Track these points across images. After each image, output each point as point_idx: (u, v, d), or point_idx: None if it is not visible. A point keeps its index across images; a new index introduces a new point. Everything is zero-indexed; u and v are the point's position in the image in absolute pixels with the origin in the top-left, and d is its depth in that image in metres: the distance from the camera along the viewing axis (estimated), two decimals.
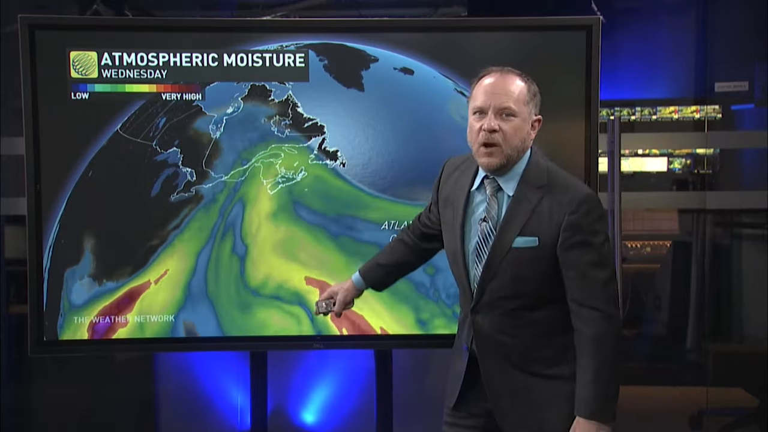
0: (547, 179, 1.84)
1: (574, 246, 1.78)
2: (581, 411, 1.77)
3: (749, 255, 3.74)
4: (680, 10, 3.73)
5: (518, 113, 1.81)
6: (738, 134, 3.64)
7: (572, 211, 1.78)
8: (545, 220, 1.80)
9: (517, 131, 1.81)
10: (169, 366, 3.31)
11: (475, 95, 1.85)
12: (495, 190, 1.86)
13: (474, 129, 1.83)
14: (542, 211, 1.80)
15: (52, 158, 2.44)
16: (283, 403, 3.24)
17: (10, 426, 3.31)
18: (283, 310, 2.50)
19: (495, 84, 1.82)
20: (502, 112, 1.80)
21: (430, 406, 3.13)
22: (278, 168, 2.48)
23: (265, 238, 2.48)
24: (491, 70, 1.86)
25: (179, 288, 2.49)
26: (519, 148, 1.83)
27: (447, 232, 1.95)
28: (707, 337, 3.65)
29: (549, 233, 1.79)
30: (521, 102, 1.82)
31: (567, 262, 1.79)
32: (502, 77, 1.83)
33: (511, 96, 1.81)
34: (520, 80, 1.84)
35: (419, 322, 2.51)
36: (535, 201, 1.81)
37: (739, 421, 3.51)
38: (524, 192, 1.83)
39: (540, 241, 1.79)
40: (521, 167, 1.86)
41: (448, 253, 1.95)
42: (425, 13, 3.52)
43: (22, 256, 2.55)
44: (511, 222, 1.82)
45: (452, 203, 1.93)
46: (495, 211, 1.84)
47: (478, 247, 1.85)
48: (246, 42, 2.45)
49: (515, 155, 1.83)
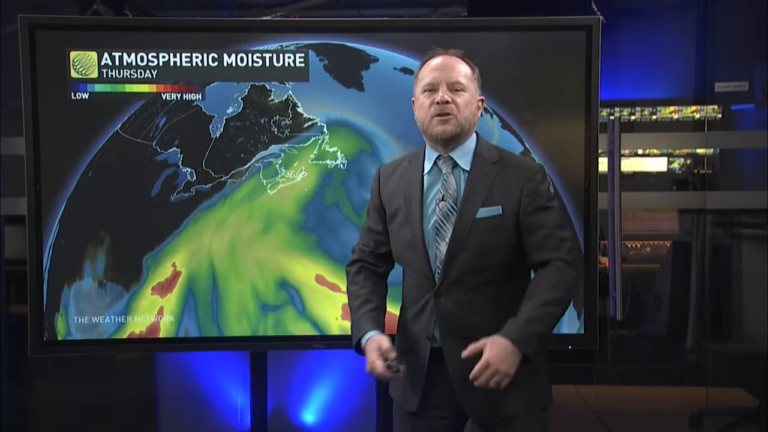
0: (499, 156, 1.91)
1: (536, 210, 1.85)
2: (508, 331, 1.74)
3: (749, 255, 3.74)
4: (680, 11, 3.73)
5: (467, 88, 1.88)
6: (738, 134, 3.64)
7: (530, 179, 1.87)
8: (505, 190, 1.86)
9: (467, 104, 1.88)
10: (169, 366, 3.30)
11: (422, 75, 1.91)
12: (451, 167, 1.89)
13: (425, 105, 1.87)
14: (501, 183, 1.87)
15: (52, 158, 2.44)
16: (283, 403, 3.23)
17: (10, 426, 3.31)
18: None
19: (443, 62, 1.90)
20: (453, 87, 1.86)
21: None
22: (278, 168, 2.48)
23: (264, 237, 2.48)
24: (436, 52, 1.93)
25: (180, 288, 2.49)
26: (470, 120, 1.89)
27: (398, 223, 1.92)
28: (707, 337, 3.65)
29: (510, 201, 1.85)
30: (469, 78, 1.89)
31: (532, 225, 1.85)
32: (448, 57, 1.91)
33: (460, 72, 1.88)
34: (464, 61, 1.92)
35: None
36: (492, 174, 1.87)
37: (739, 421, 3.50)
38: (481, 166, 1.89)
39: (503, 209, 1.85)
40: (473, 144, 1.92)
41: (401, 242, 1.92)
42: (425, 13, 3.52)
43: (22, 256, 2.56)
44: (473, 194, 1.85)
45: (402, 193, 1.92)
46: (453, 188, 1.87)
47: (438, 226, 1.86)
48: (246, 42, 2.45)
49: (467, 126, 1.88)
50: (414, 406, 1.91)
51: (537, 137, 2.45)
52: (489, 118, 2.46)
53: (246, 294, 2.50)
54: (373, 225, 2.00)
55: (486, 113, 2.46)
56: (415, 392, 1.91)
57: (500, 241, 1.85)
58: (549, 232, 1.84)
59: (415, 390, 1.91)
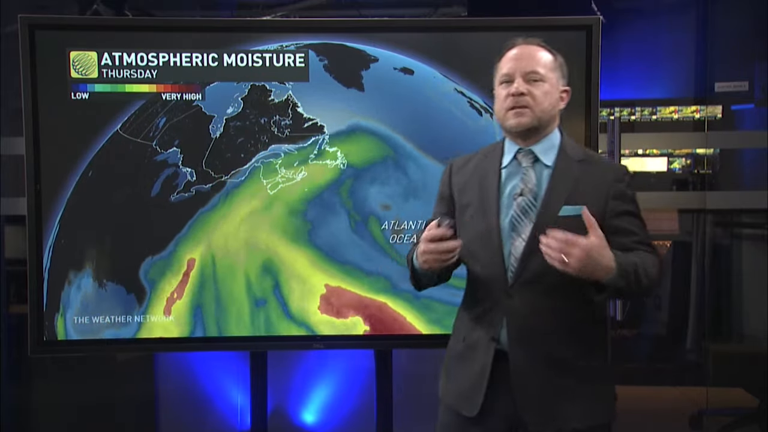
0: (584, 154, 1.84)
1: (624, 213, 1.78)
2: (619, 257, 1.66)
3: (749, 255, 3.74)
4: (680, 11, 3.73)
5: (546, 78, 1.79)
6: (738, 134, 3.64)
7: (618, 179, 1.79)
8: (590, 189, 1.77)
9: (546, 95, 1.78)
10: (169, 366, 3.30)
11: (500, 66, 1.84)
12: (532, 162, 1.81)
13: (501, 97, 1.81)
14: (586, 182, 1.78)
15: (52, 158, 2.44)
16: (283, 403, 3.23)
17: (10, 426, 3.31)
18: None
19: (521, 51, 1.82)
20: (530, 77, 1.78)
21: (430, 406, 3.13)
22: (278, 168, 2.48)
23: (264, 237, 2.49)
24: (515, 41, 1.85)
25: (181, 289, 2.49)
26: (549, 112, 1.80)
27: (470, 215, 1.84)
28: (707, 337, 3.65)
29: (596, 202, 1.75)
30: (548, 68, 1.80)
31: (621, 229, 1.76)
32: (527, 45, 1.83)
33: (538, 61, 1.79)
34: (545, 49, 1.83)
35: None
36: (577, 172, 1.79)
37: (739, 421, 3.50)
38: (566, 162, 1.80)
39: (588, 209, 1.72)
40: (557, 139, 1.84)
41: (472, 235, 1.82)
42: (425, 13, 3.52)
43: (22, 256, 2.55)
44: (556, 191, 1.77)
45: (477, 185, 1.85)
46: (532, 183, 1.79)
47: (515, 221, 1.77)
48: (246, 42, 2.45)
49: (545, 119, 1.80)
50: (474, 411, 1.80)
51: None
52: (489, 118, 2.46)
53: (242, 293, 2.50)
54: (440, 212, 1.92)
55: (486, 113, 2.46)
56: (475, 397, 1.80)
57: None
58: (640, 239, 1.77)
59: (475, 394, 1.80)
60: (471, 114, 2.46)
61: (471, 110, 2.46)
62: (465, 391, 1.84)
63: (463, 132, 2.45)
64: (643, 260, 1.73)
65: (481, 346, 1.81)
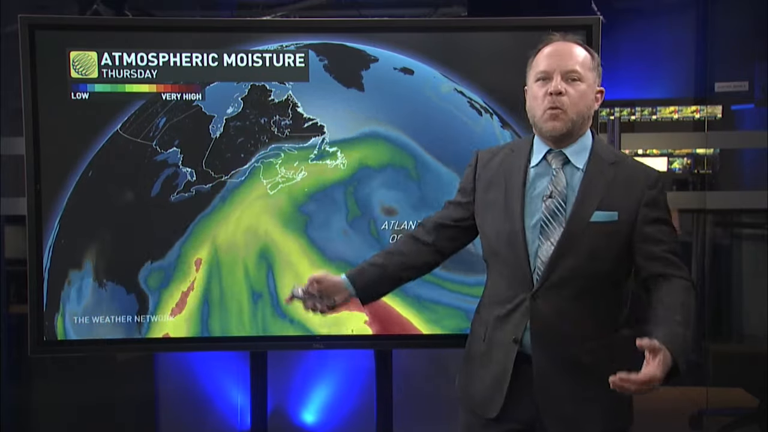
0: (616, 157, 1.81)
1: (655, 221, 1.75)
2: (675, 349, 1.59)
3: (749, 255, 3.74)
4: (680, 10, 3.73)
5: (584, 78, 1.76)
6: (738, 134, 3.64)
7: (651, 185, 1.76)
8: (622, 194, 1.74)
9: (583, 96, 1.75)
10: (169, 366, 3.31)
11: (537, 62, 1.79)
12: (562, 164, 1.79)
13: (539, 95, 1.76)
14: (618, 186, 1.75)
15: (52, 158, 2.44)
16: (283, 403, 3.24)
17: (10, 426, 3.31)
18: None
19: (559, 49, 1.78)
20: (569, 76, 1.75)
21: (430, 406, 3.14)
22: (278, 168, 2.48)
23: (264, 237, 2.49)
24: (551, 37, 1.82)
25: (182, 289, 2.49)
26: (584, 115, 1.77)
27: (493, 213, 1.82)
28: (707, 337, 3.65)
29: (627, 208, 1.74)
30: (587, 67, 1.77)
31: (652, 237, 1.74)
32: (566, 43, 1.79)
33: (577, 59, 1.76)
34: (583, 47, 1.80)
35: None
36: (610, 176, 1.75)
37: (739, 421, 3.50)
38: (598, 166, 1.77)
39: (620, 216, 1.73)
40: (589, 141, 1.81)
41: (495, 234, 1.81)
42: (425, 13, 3.52)
43: (22, 256, 2.55)
44: (588, 195, 1.74)
45: (502, 183, 1.83)
46: (562, 185, 1.76)
47: (543, 224, 1.74)
48: (246, 42, 2.45)
49: (579, 122, 1.77)
50: (494, 412, 1.80)
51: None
52: (489, 118, 2.46)
53: (242, 290, 2.50)
54: (456, 200, 1.93)
55: (486, 113, 2.46)
56: (495, 398, 1.80)
57: (612, 248, 1.74)
58: (671, 248, 1.74)
59: (495, 396, 1.80)
60: (471, 114, 2.46)
61: (471, 110, 2.46)
62: (485, 393, 1.83)
63: (463, 132, 2.45)
64: (684, 303, 1.70)
65: (502, 347, 1.80)
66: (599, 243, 1.73)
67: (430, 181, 2.44)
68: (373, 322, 2.50)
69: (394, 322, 2.51)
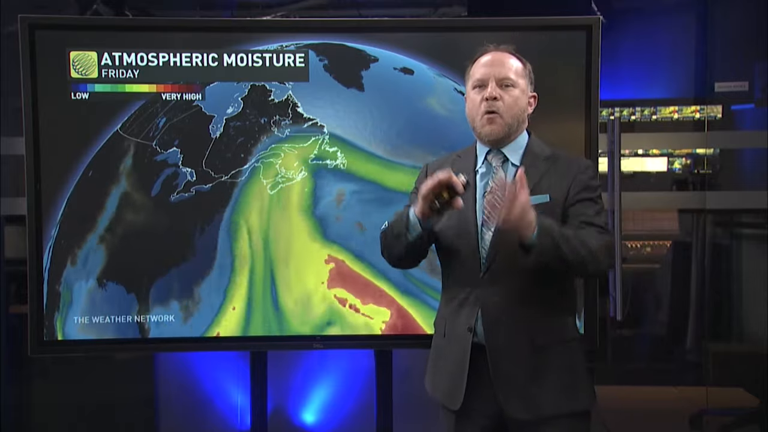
0: (551, 152, 1.94)
1: (580, 200, 1.87)
2: (539, 216, 1.72)
3: (749, 255, 3.74)
4: (680, 10, 3.73)
5: (517, 84, 1.89)
6: (738, 134, 3.64)
7: (581, 171, 1.90)
8: (555, 181, 1.88)
9: (516, 101, 1.89)
10: (169, 366, 3.31)
11: (473, 71, 1.93)
12: (501, 162, 1.92)
13: (476, 101, 1.90)
14: (551, 175, 1.89)
15: (52, 158, 2.44)
16: (283, 403, 3.24)
17: (10, 426, 3.31)
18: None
19: (493, 58, 1.92)
20: (503, 83, 1.88)
21: (430, 406, 3.13)
22: (278, 168, 2.48)
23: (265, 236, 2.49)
24: (486, 48, 1.95)
25: (183, 289, 2.49)
26: (518, 118, 1.90)
27: (450, 215, 1.85)
28: (707, 337, 3.65)
29: (559, 191, 1.87)
30: (519, 74, 1.91)
31: (573, 213, 1.86)
32: (499, 53, 1.93)
33: (510, 68, 1.90)
34: (515, 57, 1.94)
35: None
36: (543, 169, 1.90)
37: (739, 421, 3.50)
38: (532, 160, 1.91)
39: (551, 198, 1.86)
40: (524, 140, 1.94)
41: (451, 229, 1.90)
42: (425, 13, 3.52)
43: (22, 256, 2.55)
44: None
45: None
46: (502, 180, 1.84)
47: (486, 217, 1.85)
48: (246, 42, 2.45)
49: (515, 125, 1.90)
50: (457, 404, 1.87)
51: (537, 137, 2.45)
52: None
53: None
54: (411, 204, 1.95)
55: None
56: (456, 391, 1.87)
57: None
58: (588, 220, 1.84)
59: (456, 388, 1.87)
60: None
61: None
62: (447, 385, 1.91)
63: (462, 132, 2.45)
64: (580, 233, 1.79)
65: (458, 338, 1.88)
66: None
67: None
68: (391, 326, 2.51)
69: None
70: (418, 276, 2.47)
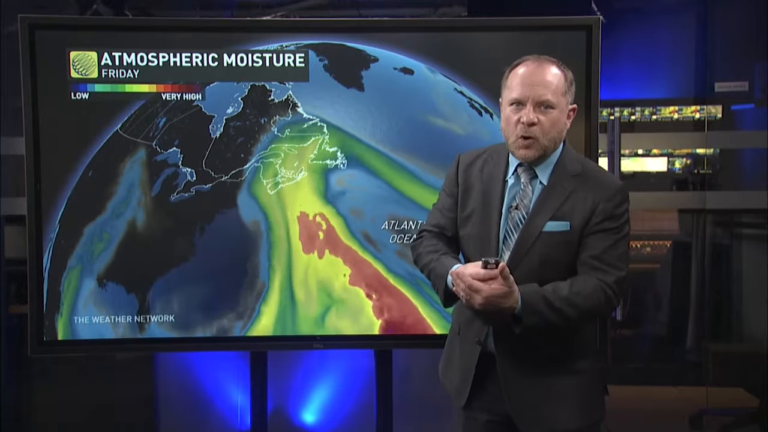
0: (582, 168, 1.84)
1: (598, 231, 1.78)
2: (525, 292, 1.71)
3: (749, 255, 3.74)
4: (680, 10, 3.73)
5: (556, 105, 1.78)
6: (738, 134, 3.64)
7: (608, 198, 1.79)
8: (579, 206, 1.79)
9: (555, 123, 1.78)
10: (169, 366, 3.30)
11: (511, 85, 1.82)
12: (530, 178, 1.84)
13: (511, 121, 1.80)
14: (577, 198, 1.79)
15: (52, 158, 2.44)
16: (283, 403, 3.23)
17: (10, 426, 3.31)
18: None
19: (533, 75, 1.79)
20: (541, 105, 1.77)
21: (430, 406, 3.13)
22: (278, 168, 2.48)
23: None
24: (527, 58, 1.84)
25: (185, 289, 2.49)
26: (556, 139, 1.81)
27: (473, 220, 1.88)
28: (707, 337, 3.65)
29: (581, 218, 1.78)
30: (559, 93, 1.79)
31: (586, 245, 1.78)
32: (540, 67, 1.80)
33: (549, 87, 1.78)
34: (557, 69, 1.81)
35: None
36: (570, 188, 1.80)
37: (739, 421, 3.50)
38: (559, 179, 1.82)
39: (572, 226, 1.78)
40: (556, 156, 1.85)
41: (472, 240, 1.87)
42: (425, 13, 3.52)
43: (22, 256, 2.56)
44: (543, 206, 1.79)
45: (481, 191, 1.88)
46: (528, 198, 1.82)
47: (507, 234, 1.81)
48: (246, 42, 2.45)
49: (551, 147, 1.81)
50: (462, 402, 1.90)
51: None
52: (489, 119, 2.46)
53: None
54: (445, 207, 1.95)
55: (486, 113, 2.46)
56: (462, 390, 1.89)
57: (564, 257, 1.79)
58: (597, 256, 1.77)
59: (462, 388, 1.89)
60: (471, 114, 2.46)
61: (471, 110, 2.46)
62: (455, 383, 1.93)
63: (462, 132, 2.46)
64: (575, 289, 1.73)
65: (469, 345, 1.89)
66: (551, 252, 1.78)
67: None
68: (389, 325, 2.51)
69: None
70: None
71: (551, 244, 1.78)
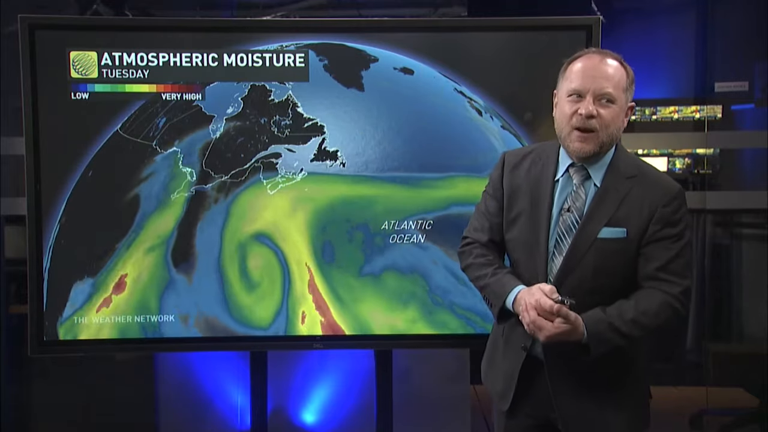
0: (637, 171, 1.76)
1: (659, 239, 1.71)
2: (590, 324, 1.66)
3: (749, 255, 3.74)
4: (680, 10, 3.73)
5: (617, 100, 1.72)
6: (738, 134, 3.64)
7: (665, 203, 1.72)
8: (635, 211, 1.71)
9: (614, 119, 1.72)
10: (169, 366, 3.30)
11: (570, 76, 1.76)
12: (583, 179, 1.76)
13: (567, 112, 1.73)
14: (632, 202, 1.72)
15: (52, 158, 2.44)
16: (283, 403, 3.23)
17: (10, 426, 3.31)
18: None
19: (595, 66, 1.73)
20: (602, 98, 1.71)
21: (430, 406, 3.13)
22: (278, 168, 2.48)
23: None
24: (589, 50, 1.78)
25: (185, 288, 2.49)
26: (613, 136, 1.74)
27: (520, 223, 1.81)
28: (707, 337, 3.65)
29: (638, 224, 1.71)
30: (620, 88, 1.73)
31: (648, 256, 1.71)
32: (602, 60, 1.74)
33: (611, 80, 1.72)
34: (620, 65, 1.76)
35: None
36: (624, 191, 1.73)
37: (739, 421, 3.51)
38: (613, 181, 1.74)
39: (629, 233, 1.71)
40: (610, 156, 1.77)
41: (520, 245, 1.81)
42: (425, 13, 3.52)
43: (22, 256, 2.56)
44: (598, 211, 1.72)
45: (529, 192, 1.81)
46: (581, 201, 1.75)
47: (558, 238, 1.74)
48: (246, 42, 2.45)
49: (608, 143, 1.74)
50: (505, 407, 1.85)
51: (537, 138, 2.45)
52: (489, 119, 2.46)
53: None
54: (491, 211, 1.88)
55: (486, 113, 2.46)
56: (507, 394, 1.84)
57: (619, 264, 1.72)
58: (662, 266, 1.70)
59: (507, 392, 1.84)
60: (471, 114, 2.46)
61: (471, 110, 2.46)
62: (499, 386, 1.88)
63: (463, 132, 2.45)
64: (640, 307, 1.68)
65: (514, 350, 1.83)
66: (605, 260, 1.72)
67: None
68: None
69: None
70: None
71: (606, 251, 1.71)
